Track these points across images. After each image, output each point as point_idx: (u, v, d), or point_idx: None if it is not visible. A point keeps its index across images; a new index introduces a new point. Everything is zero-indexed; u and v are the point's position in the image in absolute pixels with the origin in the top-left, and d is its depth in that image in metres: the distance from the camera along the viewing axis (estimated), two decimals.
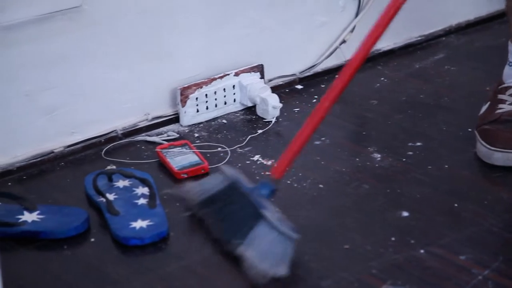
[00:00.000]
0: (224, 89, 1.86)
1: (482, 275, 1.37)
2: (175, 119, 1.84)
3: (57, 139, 1.72)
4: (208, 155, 1.72)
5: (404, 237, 1.46)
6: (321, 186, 1.62)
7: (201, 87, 1.83)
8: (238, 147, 1.75)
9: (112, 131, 1.78)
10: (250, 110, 1.88)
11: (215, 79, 1.85)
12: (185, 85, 1.82)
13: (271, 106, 1.83)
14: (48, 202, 1.58)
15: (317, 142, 1.76)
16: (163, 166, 1.68)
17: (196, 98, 1.82)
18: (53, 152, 1.71)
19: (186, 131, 1.82)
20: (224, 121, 1.86)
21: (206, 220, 1.48)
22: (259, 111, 1.86)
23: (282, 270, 1.35)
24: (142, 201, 1.55)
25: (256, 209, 1.40)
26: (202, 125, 1.84)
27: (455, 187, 1.61)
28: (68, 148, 1.73)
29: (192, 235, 1.49)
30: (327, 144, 1.75)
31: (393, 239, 1.46)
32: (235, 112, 1.88)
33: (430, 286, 1.36)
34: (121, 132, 1.79)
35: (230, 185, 1.47)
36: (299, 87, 1.98)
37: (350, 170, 1.67)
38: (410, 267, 1.40)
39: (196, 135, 1.80)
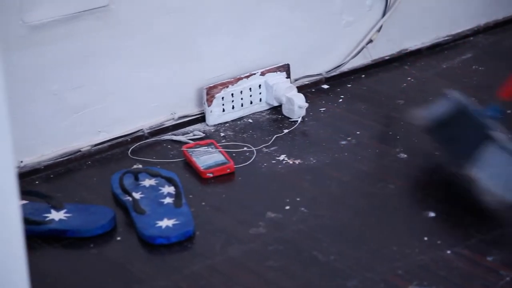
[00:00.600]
0: (250, 89, 1.86)
1: (510, 277, 1.35)
2: (201, 118, 1.85)
3: (84, 138, 1.73)
4: (234, 154, 1.72)
5: (430, 237, 1.46)
6: (346, 186, 1.62)
7: (227, 87, 1.84)
8: (264, 146, 1.75)
9: (139, 130, 1.78)
10: (276, 109, 1.88)
11: (241, 78, 1.85)
12: (211, 85, 1.82)
13: (297, 106, 1.82)
14: (74, 200, 1.59)
15: (343, 142, 1.75)
16: (189, 166, 1.69)
17: (222, 98, 1.83)
18: (80, 151, 1.72)
19: (212, 130, 1.82)
20: (250, 120, 1.86)
21: (438, 143, 1.52)
22: (285, 111, 1.86)
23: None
24: (168, 200, 1.55)
25: (485, 131, 1.42)
26: (228, 124, 1.84)
27: None
28: (95, 147, 1.74)
29: (217, 234, 1.49)
30: (353, 144, 1.75)
31: (419, 239, 1.45)
32: (261, 112, 1.88)
33: (456, 287, 1.35)
34: (148, 131, 1.79)
35: (459, 108, 1.50)
36: (325, 86, 1.98)
37: (376, 170, 1.66)
38: (436, 268, 1.39)
39: (222, 134, 1.80)
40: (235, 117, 1.85)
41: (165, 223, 1.49)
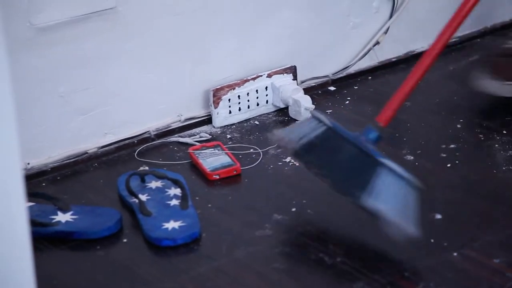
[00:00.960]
0: (257, 91, 1.86)
1: None
2: (208, 120, 1.85)
3: (91, 139, 1.73)
4: (240, 156, 1.72)
5: (437, 239, 1.45)
6: None
7: (234, 89, 1.84)
8: (270, 148, 1.75)
9: (145, 132, 1.79)
10: (283, 111, 1.88)
11: (247, 80, 1.85)
12: (218, 87, 1.83)
13: (303, 108, 1.83)
14: (81, 202, 1.59)
15: None
16: (196, 167, 1.69)
17: (229, 100, 1.83)
18: (87, 152, 1.73)
19: (219, 132, 1.82)
20: (257, 122, 1.86)
21: (310, 169, 1.40)
22: (291, 113, 1.86)
23: (415, 230, 1.26)
24: (174, 202, 1.55)
25: (371, 157, 1.31)
26: (234, 126, 1.84)
27: (489, 189, 1.60)
28: (102, 149, 1.74)
29: (223, 236, 1.49)
30: None
31: (426, 241, 1.45)
32: (268, 114, 1.88)
33: None
34: (154, 133, 1.79)
35: (328, 130, 1.38)
36: (332, 88, 1.98)
37: None
38: (443, 270, 1.39)
39: (229, 136, 1.80)
40: (241, 119, 1.85)
41: (171, 225, 1.49)
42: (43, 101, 1.67)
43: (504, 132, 1.74)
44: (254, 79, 1.86)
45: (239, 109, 1.85)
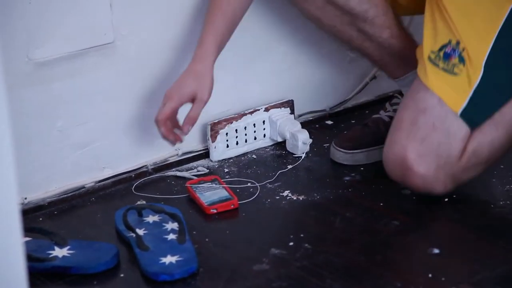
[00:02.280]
0: (254, 125, 1.86)
1: None
2: (205, 154, 1.85)
3: (88, 174, 1.73)
4: (238, 190, 1.72)
5: (435, 274, 1.45)
6: (350, 222, 1.61)
7: (231, 123, 1.84)
8: (268, 182, 1.75)
9: (143, 166, 1.79)
10: (280, 145, 1.88)
11: (245, 114, 1.86)
12: (215, 121, 1.83)
13: (301, 142, 1.83)
14: (78, 237, 1.58)
15: (347, 178, 1.75)
16: (193, 202, 1.69)
17: (226, 134, 1.83)
18: (84, 187, 1.73)
19: (216, 166, 1.82)
20: (254, 156, 1.86)
21: None
22: (289, 146, 1.86)
23: None
24: (171, 236, 1.55)
25: None
26: (232, 160, 1.84)
27: (486, 223, 1.59)
28: (99, 183, 1.74)
29: (221, 271, 1.48)
30: (357, 180, 1.75)
31: (424, 276, 1.45)
32: (265, 148, 1.88)
33: None
34: (152, 167, 1.79)
35: None
36: (329, 122, 1.98)
37: (380, 207, 1.66)
38: None
39: (226, 170, 1.81)
40: (239, 153, 1.85)
41: (169, 259, 1.48)
42: (40, 135, 1.67)
43: (502, 166, 1.75)
44: (251, 113, 1.86)
45: (237, 143, 1.85)
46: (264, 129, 1.88)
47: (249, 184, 1.74)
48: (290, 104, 1.90)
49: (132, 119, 1.76)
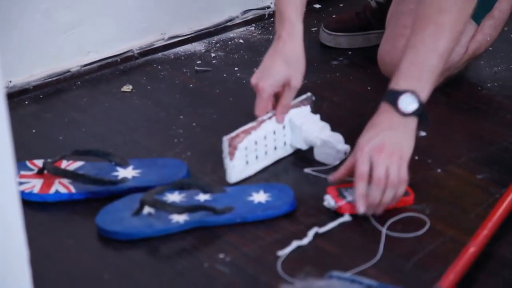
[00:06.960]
0: (274, 132, 1.46)
1: (499, 194, 1.36)
2: (192, 38, 1.82)
3: (74, 58, 1.71)
4: None
5: (421, 157, 1.46)
6: (338, 106, 1.61)
7: (250, 133, 1.43)
8: None
9: (129, 51, 1.77)
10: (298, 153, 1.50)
11: (263, 120, 1.44)
12: (233, 135, 1.41)
13: (335, 150, 1.45)
14: (64, 121, 1.58)
15: (335, 62, 1.74)
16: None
17: (246, 148, 1.42)
18: (69, 71, 1.71)
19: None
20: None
21: None
22: (318, 156, 1.46)
23: None
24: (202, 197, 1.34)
25: None
26: None
27: (473, 105, 1.60)
28: (84, 67, 1.72)
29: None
30: (345, 64, 1.74)
31: (410, 158, 1.45)
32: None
33: (446, 205, 1.35)
34: (137, 51, 1.77)
35: None
36: (318, 6, 1.96)
37: (368, 90, 1.65)
38: (426, 187, 1.39)
39: None
40: (259, 168, 1.45)
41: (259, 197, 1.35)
42: (25, 17, 1.64)
43: (490, 49, 1.73)
44: (270, 118, 1.45)
45: (256, 157, 1.44)
46: (284, 135, 1.48)
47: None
48: (310, 101, 1.50)
49: (117, 2, 1.73)
